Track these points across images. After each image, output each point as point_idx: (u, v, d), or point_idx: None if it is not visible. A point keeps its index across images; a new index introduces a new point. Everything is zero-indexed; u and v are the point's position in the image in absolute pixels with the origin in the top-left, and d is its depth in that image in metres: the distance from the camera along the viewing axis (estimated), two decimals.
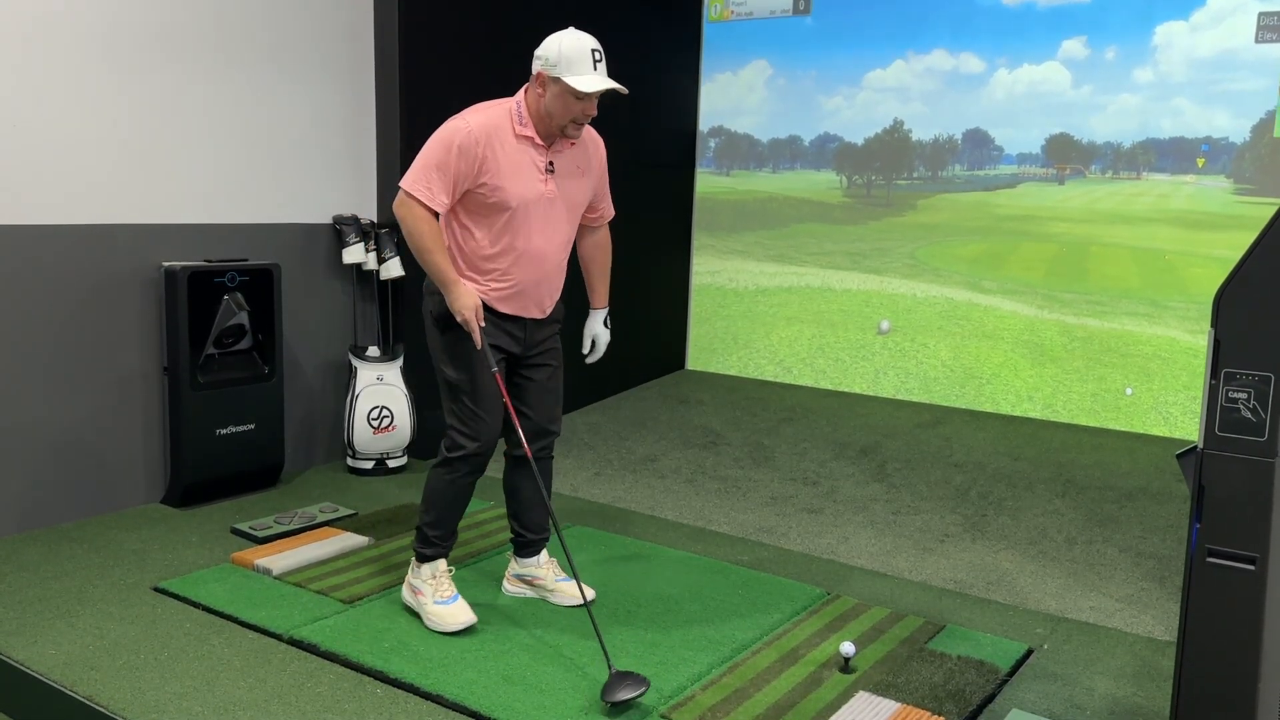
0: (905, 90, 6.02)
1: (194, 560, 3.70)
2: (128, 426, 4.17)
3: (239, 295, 4.28)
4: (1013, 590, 3.70)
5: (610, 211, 3.41)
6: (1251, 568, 2.10)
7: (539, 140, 3.03)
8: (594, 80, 2.93)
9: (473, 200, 3.02)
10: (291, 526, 3.98)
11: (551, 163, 3.07)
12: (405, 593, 3.23)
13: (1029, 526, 4.35)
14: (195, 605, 3.31)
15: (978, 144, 5.83)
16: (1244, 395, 2.09)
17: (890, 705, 2.77)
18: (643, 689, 2.71)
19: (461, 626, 3.04)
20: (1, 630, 3.09)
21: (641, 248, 6.46)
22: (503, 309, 3.13)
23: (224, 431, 4.30)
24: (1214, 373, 2.13)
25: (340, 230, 4.75)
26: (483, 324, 3.04)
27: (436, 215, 3.00)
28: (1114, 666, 3.10)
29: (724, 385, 6.56)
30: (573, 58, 2.92)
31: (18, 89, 3.73)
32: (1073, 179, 5.62)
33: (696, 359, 6.87)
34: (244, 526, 3.97)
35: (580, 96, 2.94)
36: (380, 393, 4.70)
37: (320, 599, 3.37)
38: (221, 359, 4.30)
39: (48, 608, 3.26)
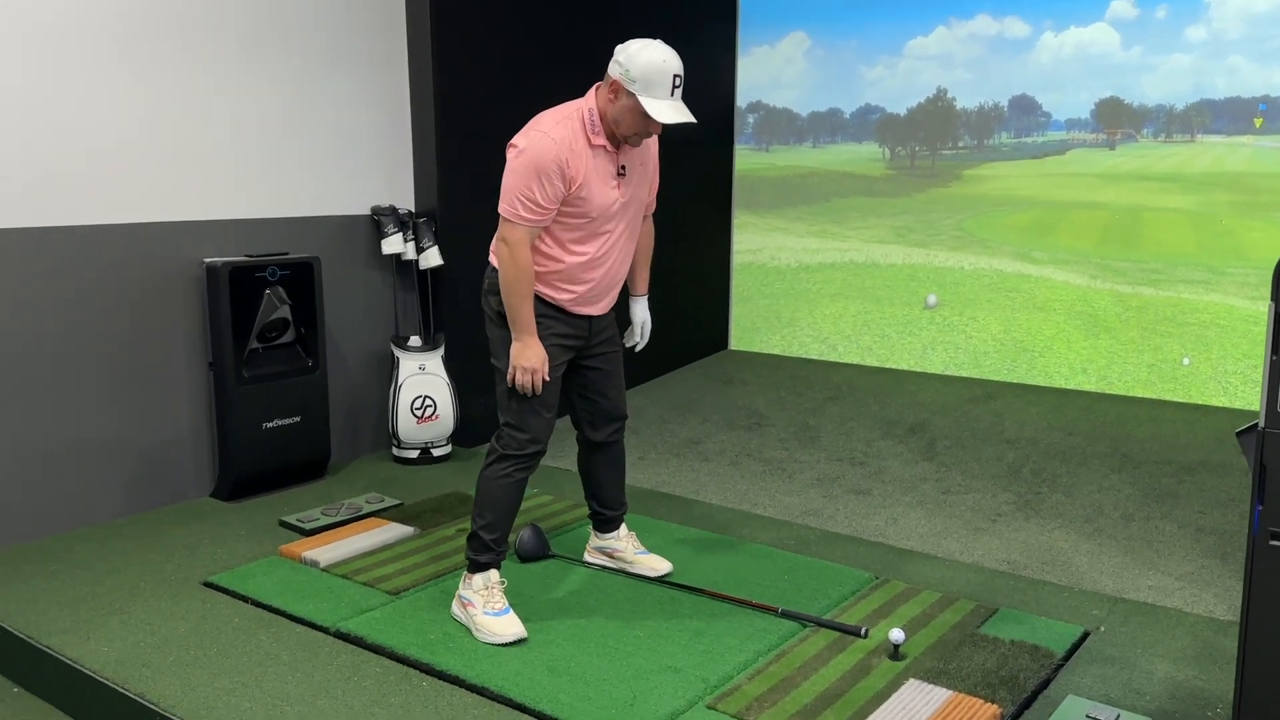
0: (948, 57, 5.88)
1: (243, 554, 3.73)
2: (176, 422, 4.22)
3: (280, 289, 4.29)
4: (1068, 570, 3.62)
5: (654, 203, 3.39)
6: None
7: (610, 146, 3.00)
8: (671, 111, 2.90)
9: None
10: (339, 518, 4.00)
11: (623, 166, 3.06)
12: (455, 608, 3.16)
13: (1084, 503, 4.25)
14: (244, 599, 3.34)
15: (1024, 110, 5.68)
16: None
17: (942, 693, 2.71)
18: None
19: (513, 639, 2.99)
20: (55, 628, 3.14)
21: (681, 228, 6.41)
22: (576, 310, 3.13)
23: (270, 425, 4.33)
24: (1275, 347, 2.04)
25: (378, 221, 4.75)
26: (548, 379, 3.05)
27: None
28: (1174, 648, 3.02)
29: (768, 365, 6.49)
30: (653, 79, 2.86)
31: (56, 91, 3.76)
32: (1124, 143, 5.45)
33: (740, 339, 6.80)
34: (292, 519, 3.99)
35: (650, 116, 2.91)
36: (423, 382, 4.71)
37: (367, 590, 3.38)
38: (266, 353, 4.33)
39: (100, 605, 3.30)
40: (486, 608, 3.04)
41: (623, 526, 3.56)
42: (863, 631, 3.04)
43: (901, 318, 6.19)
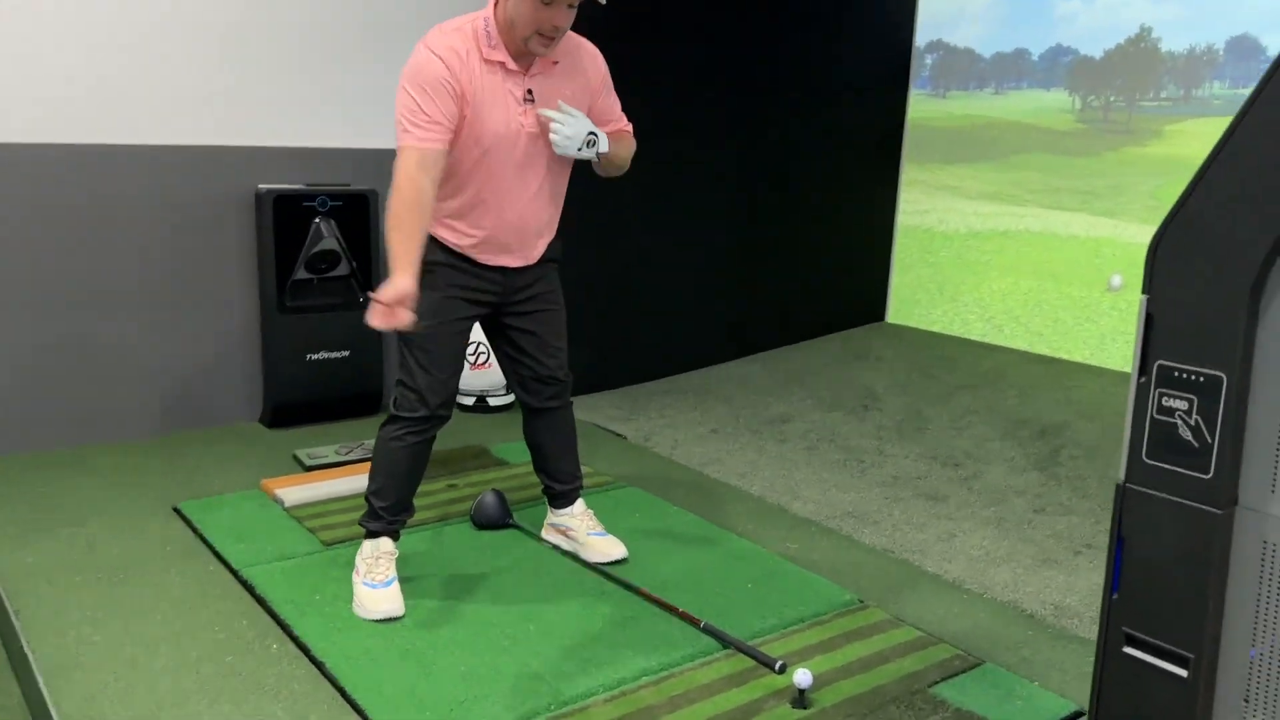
0: None
1: (242, 482, 3.69)
2: (228, 346, 4.26)
3: (331, 221, 4.21)
4: None
5: (624, 123, 2.89)
6: (1184, 673, 1.34)
7: (512, 64, 2.60)
8: None
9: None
10: (347, 458, 3.89)
11: (530, 91, 2.64)
12: (354, 573, 2.89)
13: None
14: (193, 529, 3.29)
15: (1244, 55, 4.56)
16: (1183, 405, 1.32)
17: None
18: None
19: (381, 616, 2.70)
20: (9, 532, 3.21)
21: (838, 183, 5.78)
22: (484, 260, 2.76)
23: (315, 357, 4.29)
24: (1143, 366, 1.37)
25: None
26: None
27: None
28: None
29: (919, 342, 5.75)
30: None
31: (118, 7, 3.83)
32: None
33: (897, 311, 6.07)
34: (301, 454, 3.93)
35: (547, 2, 2.49)
36: (478, 328, 4.49)
37: (306, 537, 3.23)
38: (319, 284, 4.28)
39: (66, 515, 3.36)
40: (367, 578, 2.78)
41: (578, 503, 3.17)
42: (777, 666, 2.51)
43: (1079, 300, 5.25)
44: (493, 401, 4.62)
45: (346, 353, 4.35)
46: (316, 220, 4.19)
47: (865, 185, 5.92)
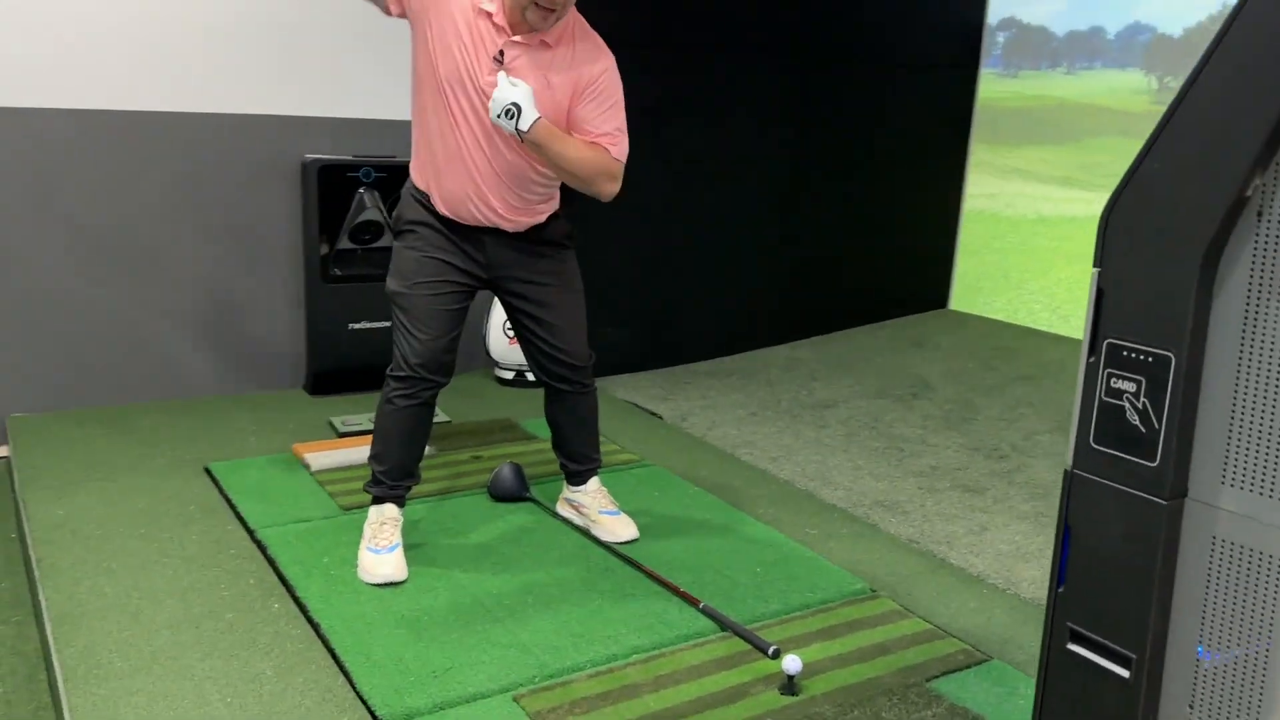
0: None
1: (276, 446, 3.75)
2: (273, 313, 4.34)
3: (375, 192, 4.24)
4: None
5: (616, 148, 2.66)
6: (1125, 673, 1.25)
7: (499, 20, 2.58)
8: None
9: (416, 59, 2.70)
10: None
11: (503, 51, 2.59)
12: (361, 539, 2.92)
13: None
14: (219, 489, 3.36)
15: None
16: (1131, 387, 1.22)
17: None
18: None
19: (382, 581, 2.72)
20: (48, 483, 3.31)
21: (903, 163, 5.62)
22: (454, 220, 2.74)
23: (357, 326, 4.34)
24: (1093, 345, 1.28)
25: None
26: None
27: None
28: None
29: (980, 330, 5.56)
30: None
31: None
32: None
33: (961, 298, 5.89)
34: (336, 421, 3.98)
35: None
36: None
37: (327, 501, 3.26)
38: (363, 255, 4.32)
39: (101, 471, 3.45)
40: (371, 543, 2.80)
41: (592, 481, 3.14)
42: (770, 650, 2.45)
43: None
44: (530, 376, 4.61)
45: (388, 323, 4.36)
46: (360, 191, 4.22)
47: (931, 167, 5.74)
